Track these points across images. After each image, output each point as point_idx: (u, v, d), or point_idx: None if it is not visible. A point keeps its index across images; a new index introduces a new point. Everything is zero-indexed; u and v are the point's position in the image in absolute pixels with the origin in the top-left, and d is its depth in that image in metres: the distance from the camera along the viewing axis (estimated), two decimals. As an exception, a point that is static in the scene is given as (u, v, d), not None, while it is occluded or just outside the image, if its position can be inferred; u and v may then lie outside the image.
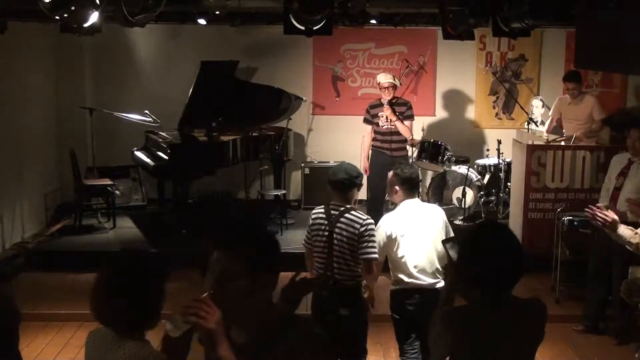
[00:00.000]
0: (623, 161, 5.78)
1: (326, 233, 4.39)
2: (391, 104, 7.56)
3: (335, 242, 4.35)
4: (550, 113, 8.34)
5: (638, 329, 5.83)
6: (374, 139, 7.80)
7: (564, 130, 7.99)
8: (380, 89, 7.66)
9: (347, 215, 4.35)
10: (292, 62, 9.51)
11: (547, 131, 8.18)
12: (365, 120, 7.85)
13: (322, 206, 4.49)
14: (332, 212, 4.40)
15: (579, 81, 7.66)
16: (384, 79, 7.62)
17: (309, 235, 4.52)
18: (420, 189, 9.07)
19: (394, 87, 7.60)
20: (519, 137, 8.04)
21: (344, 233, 4.34)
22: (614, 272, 5.74)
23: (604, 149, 7.28)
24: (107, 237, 8.14)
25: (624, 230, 3.80)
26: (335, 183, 4.39)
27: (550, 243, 6.63)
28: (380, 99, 7.75)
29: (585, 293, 6.19)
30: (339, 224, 4.35)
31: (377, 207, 7.76)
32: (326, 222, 4.40)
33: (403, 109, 7.65)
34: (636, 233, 3.84)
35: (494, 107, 9.68)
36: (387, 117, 7.57)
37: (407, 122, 7.66)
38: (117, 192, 8.69)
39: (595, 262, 5.96)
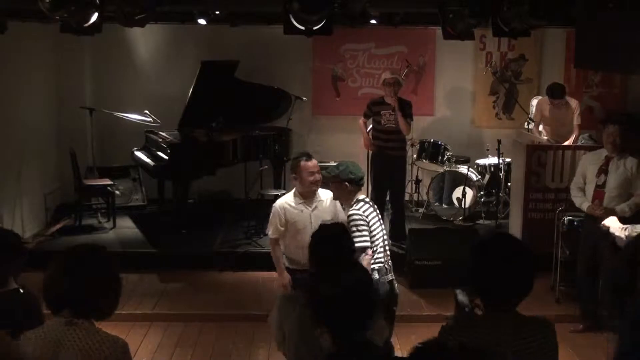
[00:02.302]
0: (598, 159, 5.83)
1: (382, 226, 4.58)
2: (399, 99, 7.57)
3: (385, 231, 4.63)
4: (533, 116, 8.35)
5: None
6: (375, 138, 7.78)
7: (542, 134, 8.06)
8: (384, 85, 7.61)
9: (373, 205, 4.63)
10: (292, 62, 9.50)
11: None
12: (366, 116, 7.83)
13: (362, 203, 4.49)
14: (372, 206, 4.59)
15: (565, 93, 7.76)
16: (390, 74, 7.69)
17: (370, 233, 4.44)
18: (420, 189, 9.14)
19: (399, 84, 7.60)
20: (519, 137, 8.04)
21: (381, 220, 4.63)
22: (601, 271, 5.77)
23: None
24: (107, 237, 8.14)
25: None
26: (360, 180, 4.54)
27: (550, 243, 6.63)
28: (383, 97, 7.73)
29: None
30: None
31: (380, 206, 7.77)
32: (377, 215, 4.59)
33: (406, 107, 7.65)
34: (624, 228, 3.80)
35: (494, 107, 9.67)
36: (392, 110, 7.52)
37: (408, 120, 7.66)
38: (117, 192, 8.69)
39: (582, 262, 5.99)
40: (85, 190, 8.38)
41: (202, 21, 7.52)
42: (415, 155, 8.77)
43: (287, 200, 4.92)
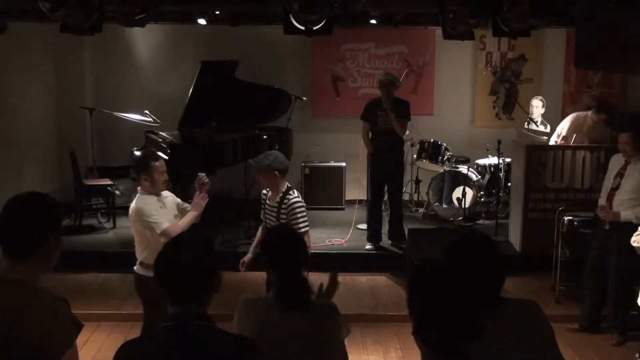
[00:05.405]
0: (621, 161, 5.81)
1: None
2: (395, 99, 7.52)
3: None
4: (562, 130, 7.80)
5: (636, 328, 5.85)
6: (373, 138, 7.75)
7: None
8: (380, 87, 7.58)
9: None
10: (292, 62, 9.51)
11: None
12: (363, 117, 7.74)
13: (295, 190, 4.86)
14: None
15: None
16: (383, 75, 7.64)
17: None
18: (420, 189, 9.14)
19: (393, 85, 7.53)
20: (518, 137, 8.04)
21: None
22: (610, 271, 5.77)
23: (604, 149, 7.27)
24: (107, 237, 8.14)
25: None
26: (287, 169, 4.82)
27: (550, 243, 6.63)
28: (380, 97, 7.70)
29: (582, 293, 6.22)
30: None
31: (378, 206, 7.77)
32: None
33: (402, 108, 7.61)
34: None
35: (494, 107, 9.68)
36: (385, 113, 7.49)
37: (402, 120, 7.58)
38: (117, 192, 8.69)
39: (591, 261, 5.99)
40: (85, 190, 8.38)
41: (202, 21, 7.52)
42: (415, 155, 8.76)
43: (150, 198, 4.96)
